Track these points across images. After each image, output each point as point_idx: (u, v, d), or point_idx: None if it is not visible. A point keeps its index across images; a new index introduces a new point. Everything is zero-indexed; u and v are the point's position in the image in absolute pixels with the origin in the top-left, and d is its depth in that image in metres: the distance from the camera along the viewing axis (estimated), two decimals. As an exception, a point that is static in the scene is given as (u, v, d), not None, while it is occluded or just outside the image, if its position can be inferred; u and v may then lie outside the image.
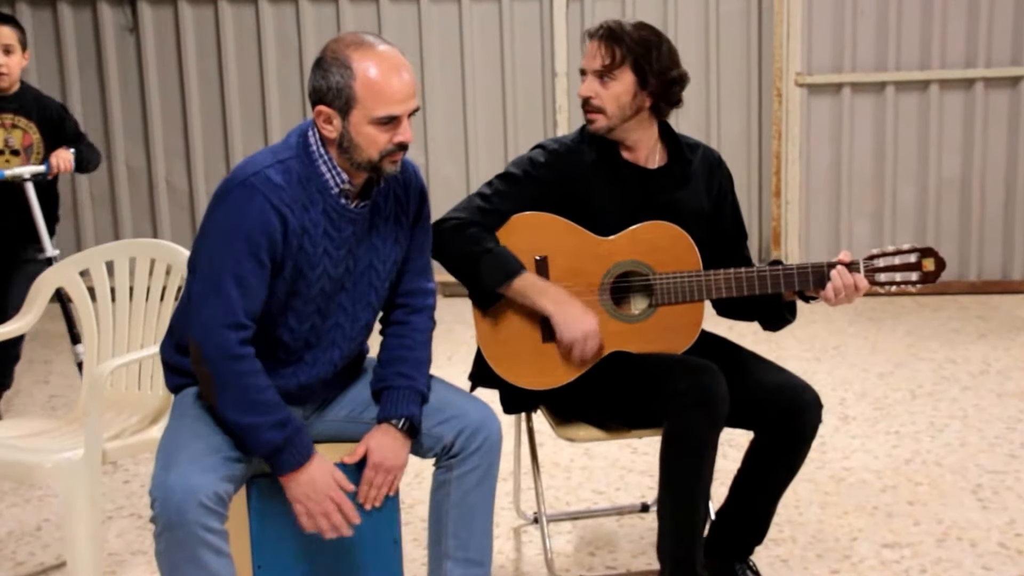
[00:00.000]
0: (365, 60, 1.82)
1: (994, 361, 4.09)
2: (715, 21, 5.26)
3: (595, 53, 2.23)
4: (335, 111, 1.84)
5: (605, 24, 2.24)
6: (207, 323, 1.82)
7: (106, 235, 5.45)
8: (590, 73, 2.24)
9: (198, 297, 1.84)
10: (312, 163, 1.89)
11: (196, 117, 5.39)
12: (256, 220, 1.82)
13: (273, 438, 1.83)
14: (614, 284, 2.24)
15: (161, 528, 1.76)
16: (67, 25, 5.33)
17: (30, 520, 2.87)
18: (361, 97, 1.82)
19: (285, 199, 1.84)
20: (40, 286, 2.57)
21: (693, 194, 2.30)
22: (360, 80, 1.81)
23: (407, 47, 5.27)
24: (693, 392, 2.07)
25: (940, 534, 2.66)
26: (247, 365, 1.83)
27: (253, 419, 1.83)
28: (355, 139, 1.85)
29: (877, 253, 2.21)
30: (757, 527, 2.31)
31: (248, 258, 1.82)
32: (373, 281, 1.99)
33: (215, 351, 1.81)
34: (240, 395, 1.83)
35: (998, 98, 5.14)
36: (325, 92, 1.84)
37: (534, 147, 2.32)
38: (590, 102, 2.24)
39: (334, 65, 1.82)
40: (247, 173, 1.85)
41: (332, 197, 1.89)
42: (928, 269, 2.20)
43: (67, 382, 4.11)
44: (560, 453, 3.24)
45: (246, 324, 1.83)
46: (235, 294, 1.81)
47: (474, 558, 2.01)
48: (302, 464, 1.86)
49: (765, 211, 5.41)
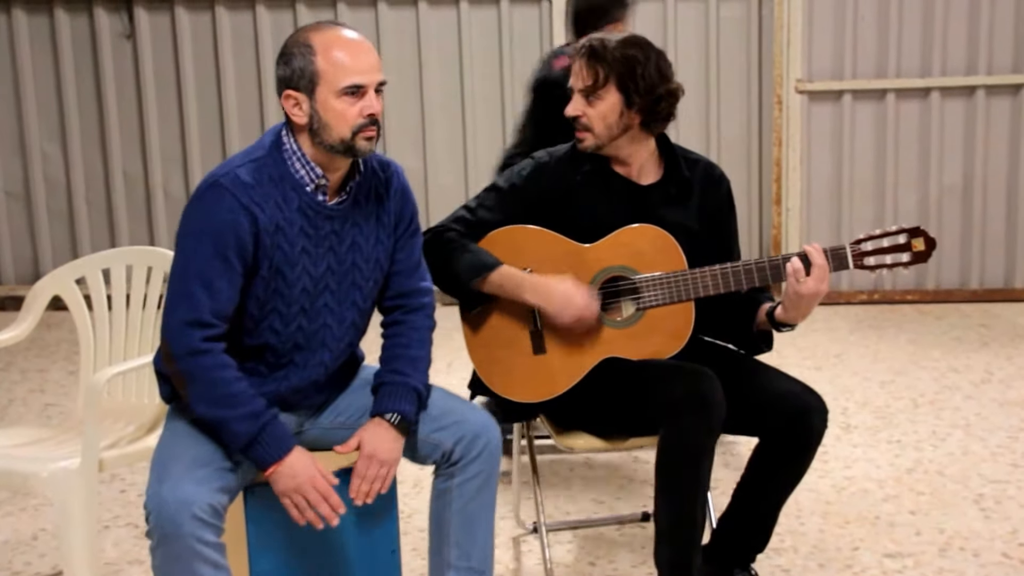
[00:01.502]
0: (324, 36, 1.85)
1: (996, 370, 4.08)
2: (715, 28, 5.26)
3: (579, 72, 2.22)
4: (301, 92, 1.85)
5: (588, 42, 2.22)
6: (173, 323, 1.84)
7: (102, 242, 5.43)
8: (576, 92, 2.22)
9: (168, 298, 1.87)
10: (285, 161, 1.89)
11: (193, 124, 5.38)
12: (224, 220, 1.83)
13: (247, 430, 1.83)
14: (601, 289, 2.23)
15: (157, 541, 1.74)
16: (63, 31, 5.31)
17: (26, 529, 2.85)
18: (323, 70, 1.83)
19: (255, 197, 1.84)
20: (36, 294, 2.55)
21: (684, 212, 2.28)
22: (321, 55, 1.83)
23: (405, 54, 5.27)
24: (689, 399, 2.06)
25: (942, 544, 2.65)
26: (211, 359, 1.83)
27: (223, 412, 1.83)
28: (324, 117, 1.85)
29: (864, 237, 2.19)
30: (759, 534, 2.30)
31: (215, 257, 1.82)
32: (357, 280, 1.98)
33: (181, 348, 1.83)
34: (208, 389, 1.83)
35: (999, 105, 5.13)
36: (290, 77, 1.85)
37: (525, 159, 2.31)
38: (578, 120, 2.23)
39: (295, 49, 1.85)
40: (218, 175, 1.87)
41: (307, 194, 1.90)
42: (919, 249, 2.17)
43: (63, 391, 4.09)
44: (560, 462, 3.22)
45: (211, 323, 1.84)
46: (201, 294, 1.82)
47: (476, 567, 2.00)
48: (282, 456, 1.85)
49: (766, 219, 5.39)
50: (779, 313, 2.20)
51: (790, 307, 2.17)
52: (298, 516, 1.86)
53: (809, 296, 2.13)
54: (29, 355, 4.51)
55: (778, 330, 2.23)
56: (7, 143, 5.40)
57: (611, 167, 2.27)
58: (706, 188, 2.31)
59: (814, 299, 2.13)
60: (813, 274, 2.12)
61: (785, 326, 2.21)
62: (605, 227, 2.23)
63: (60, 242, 5.49)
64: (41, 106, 5.36)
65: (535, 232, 2.24)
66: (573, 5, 3.21)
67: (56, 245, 5.49)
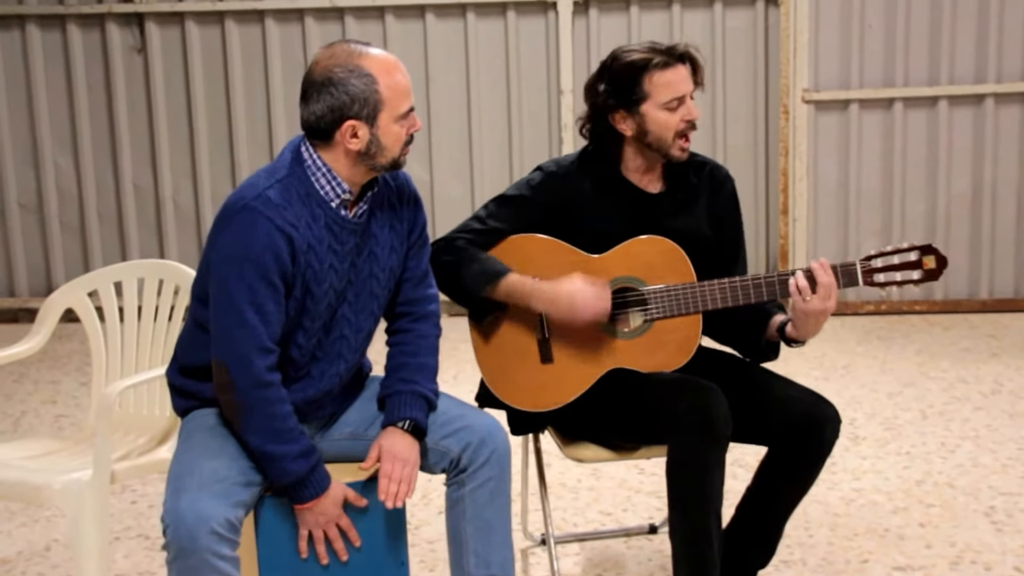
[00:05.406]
0: (377, 63, 1.85)
1: (1006, 381, 4.06)
2: (721, 37, 5.26)
3: (688, 77, 2.26)
4: (361, 121, 1.84)
5: (684, 48, 2.29)
6: (236, 354, 1.82)
7: (113, 254, 5.47)
8: (689, 97, 2.24)
9: (222, 330, 1.84)
10: (309, 178, 1.89)
11: (203, 136, 5.41)
12: (263, 244, 1.82)
13: (298, 468, 1.85)
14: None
15: (173, 555, 1.75)
16: (76, 45, 5.36)
17: (39, 540, 2.87)
18: (387, 98, 1.85)
19: (289, 218, 1.85)
20: (49, 307, 2.57)
21: (693, 218, 2.29)
22: (383, 82, 1.84)
23: (412, 64, 5.28)
24: (693, 413, 2.06)
25: (953, 557, 2.64)
26: (274, 392, 1.84)
27: (279, 448, 1.84)
28: (383, 141, 1.87)
29: (875, 253, 2.17)
30: (766, 545, 2.29)
31: (260, 283, 1.82)
32: (374, 289, 2.00)
33: (247, 380, 1.82)
34: (266, 422, 1.84)
35: (1009, 114, 5.12)
36: (349, 105, 1.84)
37: (534, 169, 2.33)
38: (694, 124, 2.27)
39: (350, 77, 1.83)
40: (247, 197, 1.85)
41: (332, 210, 1.90)
42: (929, 267, 2.15)
43: (75, 402, 4.11)
44: (567, 474, 3.22)
45: (272, 348, 1.85)
46: (256, 321, 1.82)
47: (497, 574, 1.99)
48: (320, 494, 1.87)
49: (773, 229, 5.39)
50: (789, 330, 2.20)
51: (799, 325, 2.16)
52: (304, 548, 1.91)
53: (816, 314, 2.12)
54: (42, 367, 4.53)
55: (788, 345, 2.23)
56: (20, 155, 5.44)
57: (621, 173, 2.28)
58: (713, 190, 2.32)
59: (822, 316, 2.12)
60: (818, 292, 2.11)
61: (795, 342, 2.21)
62: (614, 236, 2.23)
63: (72, 253, 5.52)
64: (53, 119, 5.40)
65: (544, 241, 2.25)
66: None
67: (68, 256, 5.52)
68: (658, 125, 2.19)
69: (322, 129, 1.86)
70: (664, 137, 2.20)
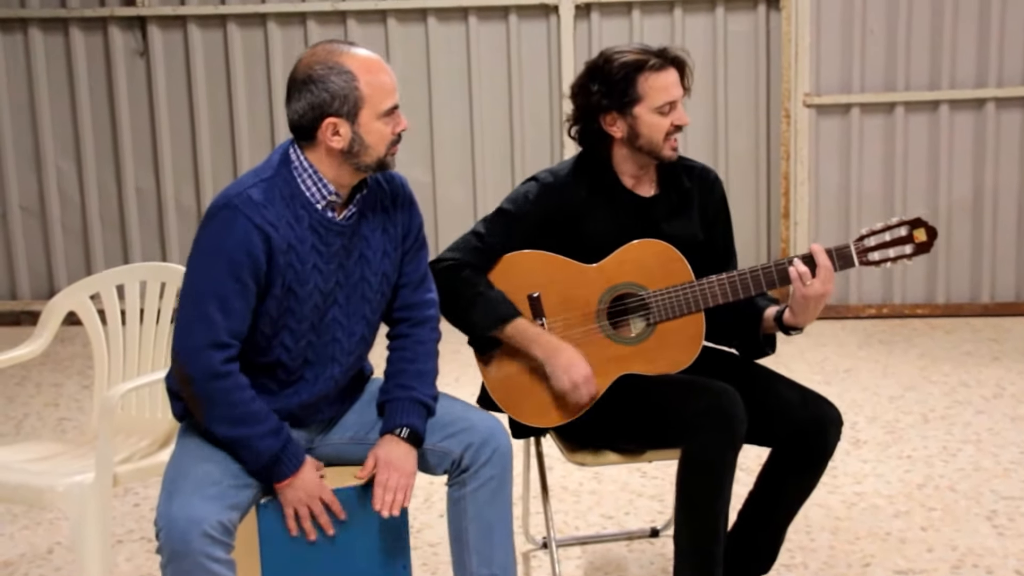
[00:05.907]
0: (357, 61, 1.86)
1: (1008, 384, 4.06)
2: (723, 41, 5.27)
3: (677, 82, 2.26)
4: (342, 118, 1.85)
5: (672, 51, 2.29)
6: (190, 346, 1.84)
7: (115, 256, 5.47)
8: (679, 101, 2.26)
9: (183, 321, 1.87)
10: (296, 178, 1.90)
11: (205, 139, 5.42)
12: (238, 240, 1.83)
13: (270, 446, 1.85)
14: (610, 308, 2.24)
15: (167, 559, 1.76)
16: (78, 48, 5.37)
17: (41, 543, 2.87)
18: (368, 94, 1.85)
19: (269, 217, 1.85)
20: (51, 310, 2.58)
21: (687, 222, 2.30)
22: (363, 79, 1.85)
23: (414, 67, 5.30)
24: (711, 414, 2.06)
25: (955, 561, 2.64)
26: (231, 381, 1.85)
27: (245, 431, 1.84)
28: (366, 139, 1.87)
29: (866, 232, 2.19)
30: (769, 548, 2.30)
31: (229, 278, 1.83)
32: (366, 293, 1.99)
33: (199, 372, 1.83)
34: (228, 410, 1.84)
35: (1010, 118, 5.12)
36: (329, 103, 1.85)
37: (527, 180, 2.32)
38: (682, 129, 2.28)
39: (330, 74, 1.84)
40: (230, 195, 1.87)
41: (317, 212, 1.90)
42: (920, 240, 2.17)
43: (77, 405, 4.11)
44: (569, 477, 3.22)
45: (229, 343, 1.85)
46: (217, 316, 1.83)
47: (498, 573, 2.00)
48: (297, 469, 1.87)
49: (774, 233, 5.39)
50: (787, 317, 2.21)
51: (798, 310, 2.17)
52: (294, 527, 1.90)
53: (816, 298, 2.13)
54: (44, 370, 4.54)
55: (787, 333, 2.24)
56: (23, 159, 5.45)
57: (618, 179, 2.28)
58: (703, 193, 2.34)
59: (821, 300, 2.14)
60: (819, 275, 2.13)
61: (794, 329, 2.22)
62: (612, 242, 2.24)
63: (74, 257, 5.53)
64: (56, 123, 5.41)
65: (542, 257, 2.25)
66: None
67: (70, 260, 5.53)
68: (649, 128, 2.20)
69: (305, 127, 1.88)
70: (655, 140, 2.21)
